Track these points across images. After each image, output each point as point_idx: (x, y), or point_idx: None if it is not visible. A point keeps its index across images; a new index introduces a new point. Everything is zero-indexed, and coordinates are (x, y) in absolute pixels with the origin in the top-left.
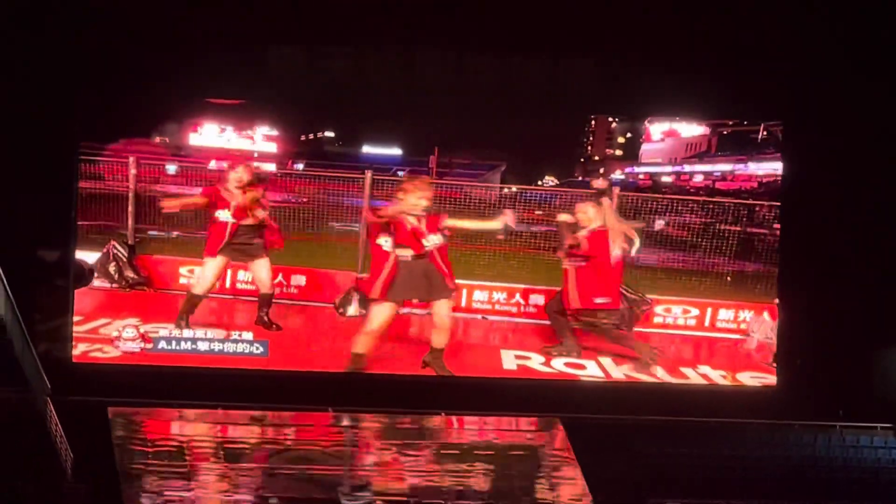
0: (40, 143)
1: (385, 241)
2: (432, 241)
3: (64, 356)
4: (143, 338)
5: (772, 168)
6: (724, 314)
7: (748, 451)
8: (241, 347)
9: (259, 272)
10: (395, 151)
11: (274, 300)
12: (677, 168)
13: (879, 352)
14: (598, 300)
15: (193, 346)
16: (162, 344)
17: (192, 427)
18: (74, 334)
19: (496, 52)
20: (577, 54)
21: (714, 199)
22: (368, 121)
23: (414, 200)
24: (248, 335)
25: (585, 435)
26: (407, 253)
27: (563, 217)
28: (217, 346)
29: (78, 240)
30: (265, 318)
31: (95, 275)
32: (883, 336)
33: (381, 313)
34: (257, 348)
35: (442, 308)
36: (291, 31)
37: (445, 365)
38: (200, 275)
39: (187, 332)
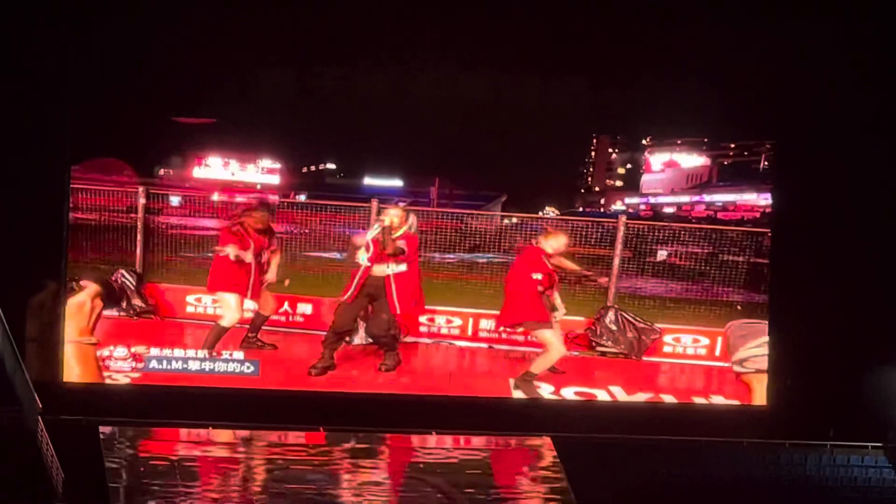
0: (32, 167)
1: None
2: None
3: (55, 376)
4: (135, 357)
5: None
6: None
7: (740, 469)
8: (231, 367)
9: (267, 298)
10: (396, 183)
11: (280, 328)
12: (677, 199)
13: (869, 372)
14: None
15: (184, 366)
16: (153, 363)
17: (182, 445)
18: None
19: (494, 75)
20: (571, 75)
21: (721, 227)
22: (369, 152)
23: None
24: (239, 354)
25: (576, 454)
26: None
27: (385, 222)
28: (208, 366)
29: (86, 269)
30: (258, 340)
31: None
32: (873, 356)
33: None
34: (248, 367)
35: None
36: (287, 57)
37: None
38: (228, 309)
39: (178, 352)
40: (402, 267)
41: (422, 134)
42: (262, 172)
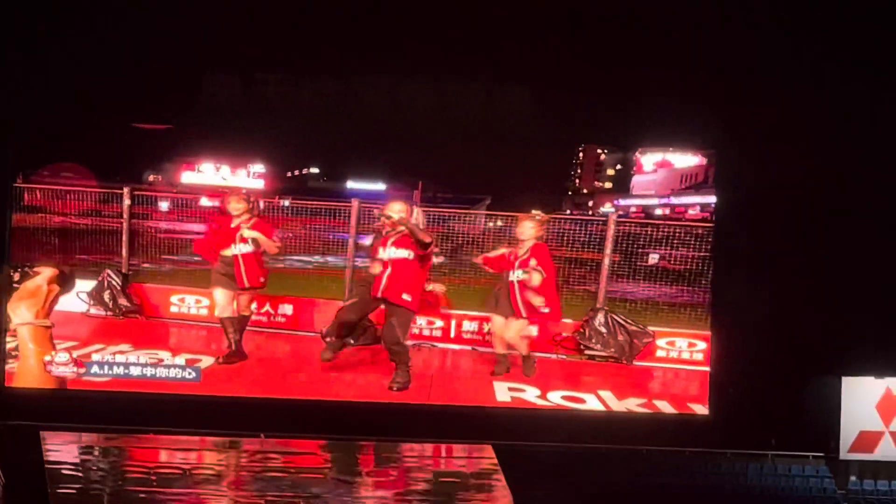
0: None
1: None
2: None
3: None
4: (76, 362)
5: None
6: None
7: (680, 479)
8: (173, 373)
9: (239, 298)
10: (379, 186)
11: (261, 328)
12: (670, 200)
13: (811, 381)
14: (405, 296)
15: (126, 371)
16: (94, 368)
17: (124, 452)
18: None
19: (479, 82)
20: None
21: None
22: (352, 155)
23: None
24: (181, 360)
25: (518, 462)
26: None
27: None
28: (149, 371)
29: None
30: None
31: (90, 301)
32: (815, 365)
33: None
34: (189, 374)
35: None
36: (277, 62)
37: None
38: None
39: (120, 357)
40: (403, 252)
41: (406, 138)
42: (253, 177)
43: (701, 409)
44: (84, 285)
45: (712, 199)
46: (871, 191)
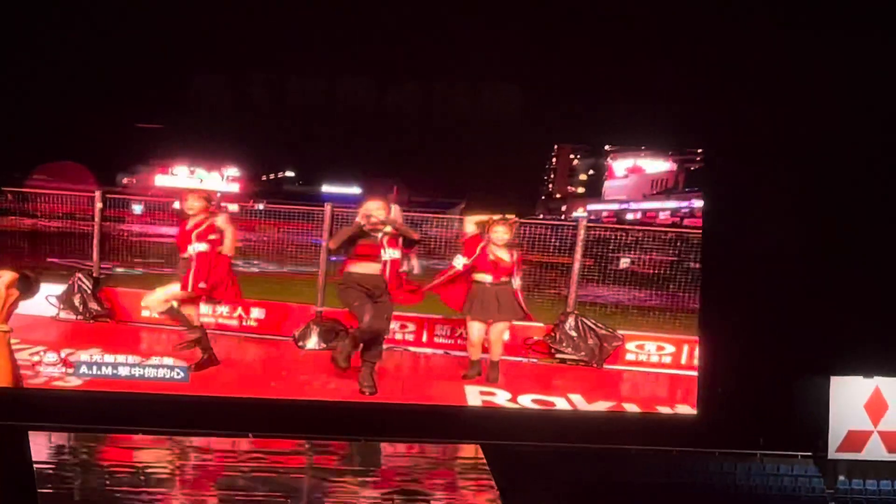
0: None
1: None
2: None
3: None
4: (65, 363)
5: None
6: None
7: (669, 478)
8: (161, 373)
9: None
10: (354, 190)
11: (232, 332)
12: (641, 205)
13: (799, 381)
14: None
15: (114, 371)
16: (83, 369)
17: (113, 452)
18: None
19: (457, 86)
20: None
21: (686, 230)
22: (328, 159)
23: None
24: (169, 360)
25: (506, 462)
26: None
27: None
28: (137, 372)
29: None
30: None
31: (60, 305)
32: (804, 365)
33: (471, 327)
34: (178, 374)
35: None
36: (256, 62)
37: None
38: None
39: (108, 358)
40: (397, 253)
41: (381, 142)
42: (227, 181)
43: (669, 412)
44: (54, 289)
45: (682, 203)
46: (861, 191)
